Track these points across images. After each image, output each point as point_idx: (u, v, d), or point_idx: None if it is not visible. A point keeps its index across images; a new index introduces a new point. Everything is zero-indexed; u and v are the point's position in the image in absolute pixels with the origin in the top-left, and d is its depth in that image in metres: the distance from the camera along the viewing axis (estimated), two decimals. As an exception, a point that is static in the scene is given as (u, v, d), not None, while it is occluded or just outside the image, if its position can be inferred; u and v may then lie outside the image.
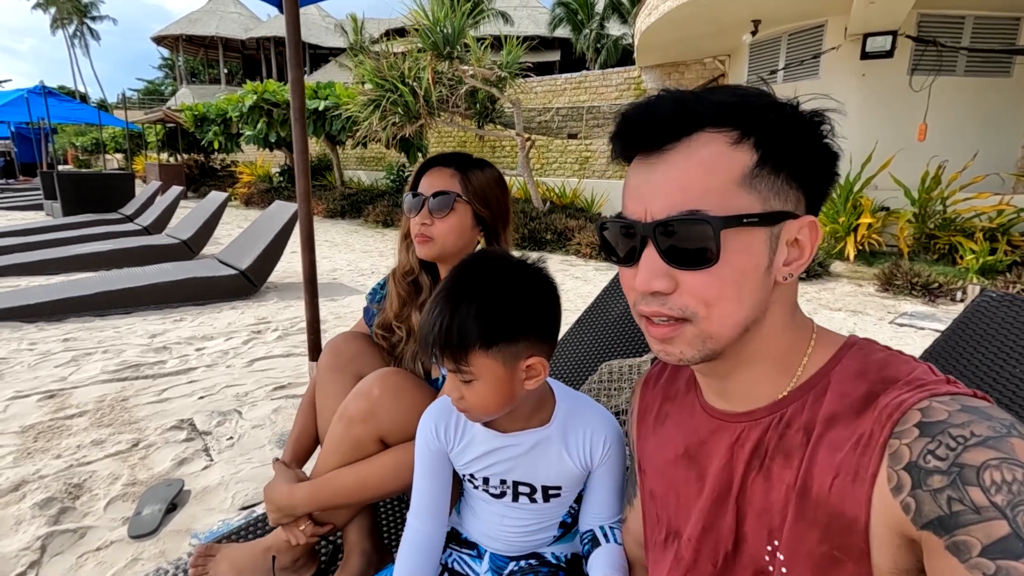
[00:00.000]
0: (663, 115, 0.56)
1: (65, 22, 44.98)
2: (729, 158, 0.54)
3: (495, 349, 0.79)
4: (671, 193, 0.55)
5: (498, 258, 0.87)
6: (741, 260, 0.55)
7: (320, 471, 1.16)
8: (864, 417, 0.52)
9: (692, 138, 0.55)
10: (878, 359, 0.57)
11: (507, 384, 0.82)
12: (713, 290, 0.55)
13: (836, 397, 0.56)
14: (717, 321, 0.56)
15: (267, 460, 2.06)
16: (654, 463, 0.75)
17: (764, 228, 0.54)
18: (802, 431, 0.57)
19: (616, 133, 0.60)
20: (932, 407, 0.48)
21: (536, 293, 0.84)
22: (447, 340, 0.79)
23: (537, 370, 0.83)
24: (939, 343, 1.25)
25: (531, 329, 0.82)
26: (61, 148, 27.95)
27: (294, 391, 2.72)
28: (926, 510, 0.45)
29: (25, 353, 3.10)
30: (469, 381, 0.82)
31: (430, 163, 1.25)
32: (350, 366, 1.31)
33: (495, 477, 0.95)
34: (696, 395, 0.70)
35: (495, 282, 0.82)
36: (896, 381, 0.53)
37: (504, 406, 0.85)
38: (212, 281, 4.53)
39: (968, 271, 5.52)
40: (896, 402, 0.51)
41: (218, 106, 13.93)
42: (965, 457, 0.44)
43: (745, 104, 0.55)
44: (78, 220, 8.07)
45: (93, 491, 1.84)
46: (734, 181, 0.54)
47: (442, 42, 7.88)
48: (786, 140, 0.55)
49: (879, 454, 0.50)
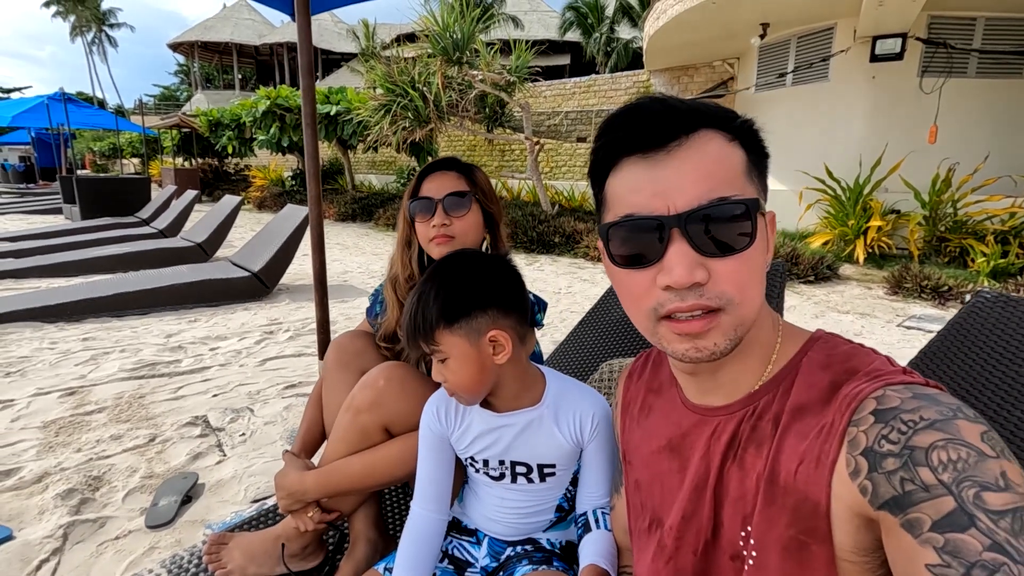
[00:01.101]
0: (663, 115, 0.58)
1: (84, 29, 45.87)
2: (731, 152, 0.58)
3: (456, 326, 0.88)
4: (697, 183, 0.56)
5: (461, 253, 0.98)
6: (761, 243, 0.58)
7: (328, 459, 1.22)
8: (829, 407, 0.55)
9: (696, 135, 0.57)
10: (842, 352, 0.60)
11: (476, 359, 0.90)
12: (745, 275, 0.57)
13: (803, 388, 0.59)
14: (748, 306, 0.58)
15: (278, 455, 2.12)
16: (639, 454, 0.77)
17: (761, 216, 0.59)
18: (771, 422, 0.60)
19: (610, 135, 0.61)
20: (886, 395, 0.51)
21: (492, 274, 0.93)
22: (415, 324, 0.90)
23: (502, 344, 0.90)
24: (934, 344, 1.26)
25: (488, 303, 0.90)
26: (79, 153, 28.46)
27: (304, 390, 2.79)
28: (882, 491, 0.47)
29: (46, 352, 3.20)
30: (444, 360, 0.90)
31: (430, 169, 1.30)
32: (354, 362, 1.37)
33: (494, 458, 1.00)
34: (678, 390, 0.73)
35: (455, 269, 0.93)
36: (857, 372, 0.56)
37: (481, 382, 0.92)
38: (226, 283, 4.63)
39: (979, 274, 5.48)
40: (855, 392, 0.54)
41: (232, 111, 14.15)
42: (915, 440, 0.47)
43: (723, 111, 0.60)
44: (96, 223, 8.25)
45: (112, 483, 1.92)
46: (742, 172, 0.58)
47: (452, 47, 7.96)
48: (756, 143, 0.61)
49: (839, 441, 0.52)
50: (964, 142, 6.69)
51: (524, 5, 25.68)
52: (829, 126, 7.55)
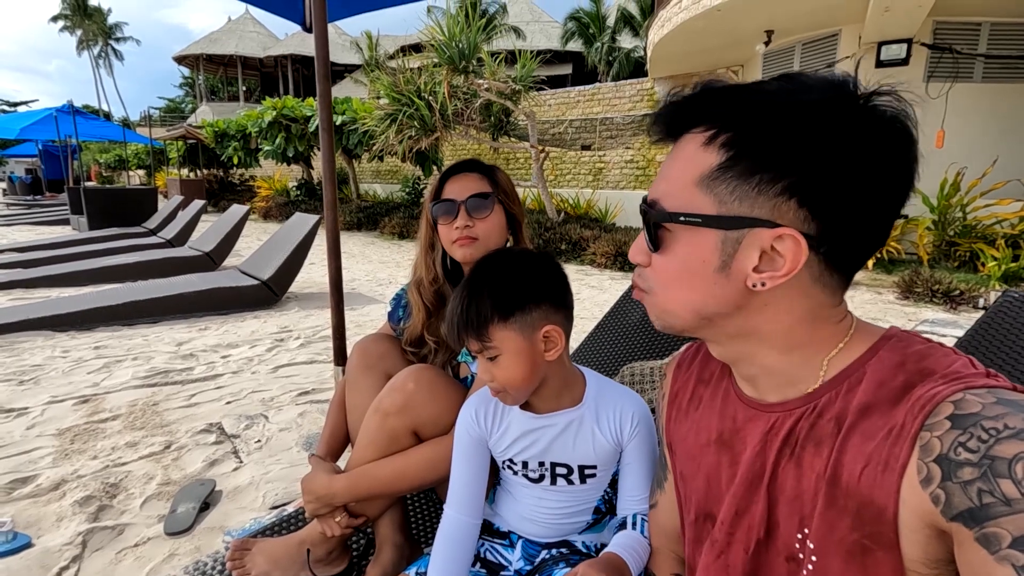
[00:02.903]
0: (678, 110, 0.60)
1: (90, 43, 46.42)
2: (695, 159, 0.57)
3: (512, 320, 0.87)
4: (656, 182, 0.62)
5: (506, 250, 1.02)
6: (686, 253, 0.59)
7: (356, 463, 1.20)
8: (899, 408, 0.52)
9: (683, 138, 0.60)
10: (917, 351, 0.56)
11: (528, 355, 0.89)
12: (664, 274, 0.61)
13: (871, 387, 0.56)
14: (671, 301, 0.62)
15: (295, 462, 2.11)
16: (685, 445, 0.76)
17: (715, 231, 0.56)
18: (834, 420, 0.57)
19: (667, 115, 0.64)
20: (966, 399, 0.48)
21: (541, 268, 0.94)
22: (468, 319, 0.88)
23: (555, 339, 0.90)
24: (961, 344, 1.25)
25: (541, 297, 0.90)
26: (85, 165, 28.65)
27: (318, 396, 2.78)
28: (956, 502, 0.45)
29: (59, 360, 3.20)
30: (494, 358, 0.89)
31: (452, 171, 1.29)
32: (379, 364, 1.36)
33: (534, 460, 0.99)
34: (730, 382, 0.71)
35: (504, 265, 0.93)
36: (933, 373, 0.53)
37: (531, 379, 0.91)
38: (235, 291, 4.63)
39: (990, 278, 5.44)
40: (930, 394, 0.50)
41: (238, 122, 14.27)
42: (997, 449, 0.44)
43: (726, 98, 0.56)
44: (104, 234, 8.29)
45: (129, 490, 1.90)
46: (692, 181, 0.57)
47: (458, 56, 8.01)
48: (768, 142, 0.53)
49: (909, 445, 0.50)
50: (971, 146, 6.68)
51: (526, 16, 25.89)
52: (835, 132, 7.54)
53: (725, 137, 0.55)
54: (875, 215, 0.55)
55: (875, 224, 0.55)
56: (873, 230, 0.56)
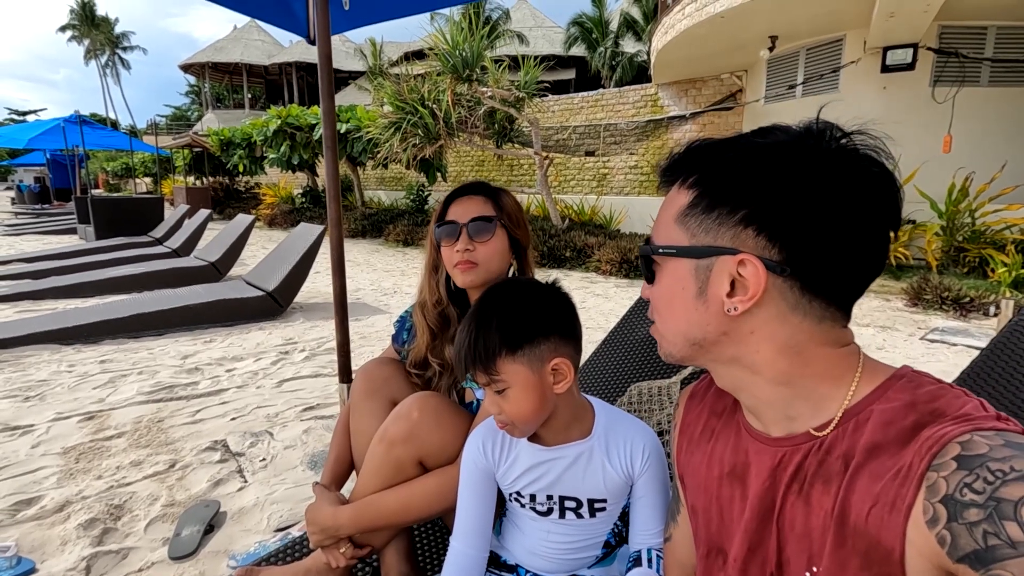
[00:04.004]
0: (673, 163, 0.67)
1: (98, 53, 46.83)
2: (674, 200, 0.65)
3: (520, 353, 0.86)
4: (653, 224, 0.69)
5: (514, 281, 1.01)
6: (669, 283, 0.65)
7: (360, 493, 1.18)
8: (907, 449, 0.52)
9: (674, 185, 0.66)
10: (928, 391, 0.56)
11: (537, 388, 0.87)
12: (658, 302, 0.67)
13: (879, 427, 0.56)
14: (666, 329, 0.67)
15: (300, 481, 2.09)
16: (698, 478, 0.75)
17: (688, 259, 0.62)
18: (841, 459, 0.57)
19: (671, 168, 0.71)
20: (973, 440, 0.48)
21: (550, 300, 0.93)
22: (475, 353, 0.87)
23: (563, 372, 0.88)
24: (977, 364, 1.22)
25: (550, 330, 0.88)
26: (92, 173, 28.89)
27: (323, 411, 2.76)
28: (962, 543, 0.45)
29: (64, 375, 3.20)
30: (503, 391, 0.87)
31: (457, 193, 1.28)
32: (383, 389, 1.34)
33: (542, 493, 0.97)
34: (741, 415, 0.72)
35: (512, 296, 0.92)
36: (944, 415, 0.53)
37: (540, 412, 0.90)
38: (240, 303, 4.63)
39: (1000, 284, 5.39)
40: (938, 435, 0.51)
41: (243, 130, 14.34)
42: (1003, 492, 0.44)
43: (695, 150, 0.64)
44: (110, 243, 8.34)
45: (134, 512, 1.89)
46: (671, 219, 0.64)
47: (461, 65, 8.03)
48: (724, 180, 0.60)
49: (916, 485, 0.50)
50: (979, 151, 6.63)
51: (529, 21, 25.96)
52: (841, 137, 7.51)
53: (693, 179, 0.62)
54: (845, 239, 0.57)
55: (849, 249, 0.57)
56: (850, 255, 0.57)
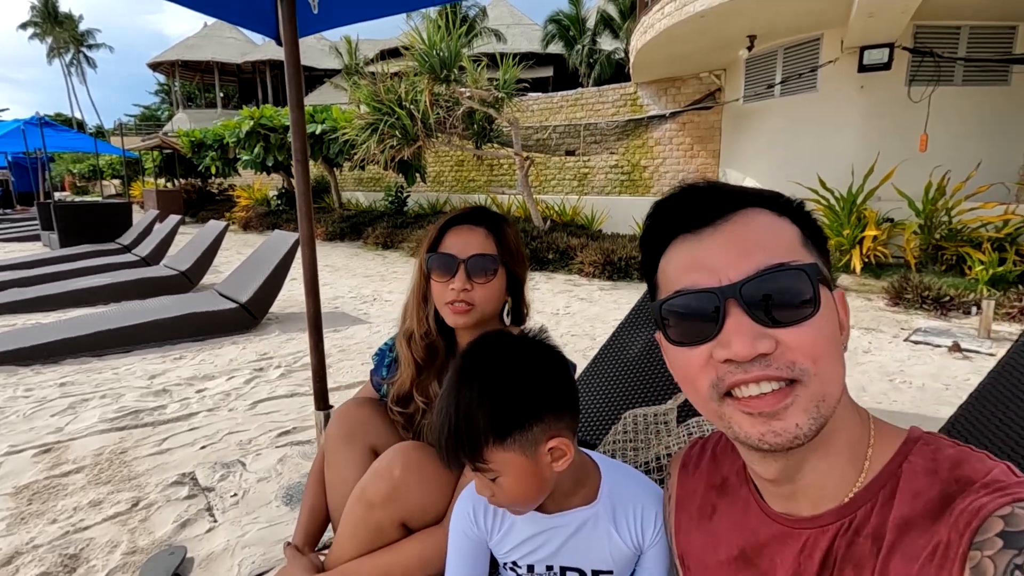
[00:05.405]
0: (710, 193, 0.58)
1: (62, 51, 45.35)
2: (783, 225, 0.57)
3: (510, 440, 0.75)
4: (749, 252, 0.54)
5: (497, 342, 0.82)
6: (830, 313, 0.54)
7: (336, 560, 1.07)
8: (940, 524, 0.48)
9: (742, 212, 0.57)
10: (949, 456, 0.53)
11: (533, 473, 0.77)
12: (819, 344, 0.52)
13: (907, 499, 0.52)
14: (827, 379, 0.52)
15: (274, 519, 1.96)
16: (701, 561, 0.69)
17: (827, 289, 0.55)
18: (871, 538, 0.53)
19: (659, 217, 0.61)
20: (1015, 514, 0.45)
21: (541, 371, 0.79)
22: (458, 440, 0.75)
23: (562, 451, 0.78)
24: (986, 386, 1.16)
25: (543, 409, 0.76)
26: (58, 175, 27.96)
27: (300, 436, 2.62)
28: None
29: (21, 401, 3.00)
30: (495, 478, 0.77)
31: (456, 220, 1.16)
32: (360, 434, 1.22)
33: (541, 564, 0.88)
34: (750, 491, 0.65)
35: (498, 369, 0.78)
36: (972, 482, 0.50)
37: (539, 494, 0.80)
38: (212, 315, 4.44)
39: (978, 282, 5.44)
40: (974, 507, 0.47)
41: (215, 132, 13.94)
42: None
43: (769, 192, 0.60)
44: (75, 252, 7.99)
45: (91, 562, 1.74)
46: (798, 243, 0.56)
47: (439, 65, 7.87)
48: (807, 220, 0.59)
49: (960, 566, 0.45)
50: (955, 150, 6.70)
51: (507, 19, 25.81)
52: (820, 136, 7.55)
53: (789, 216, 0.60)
54: None
55: None
56: None
